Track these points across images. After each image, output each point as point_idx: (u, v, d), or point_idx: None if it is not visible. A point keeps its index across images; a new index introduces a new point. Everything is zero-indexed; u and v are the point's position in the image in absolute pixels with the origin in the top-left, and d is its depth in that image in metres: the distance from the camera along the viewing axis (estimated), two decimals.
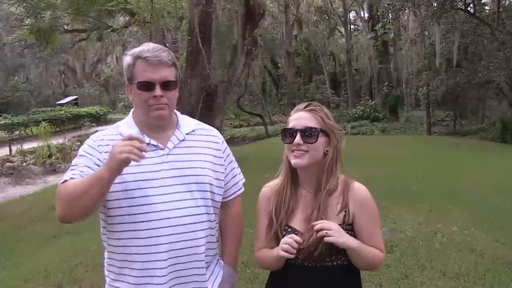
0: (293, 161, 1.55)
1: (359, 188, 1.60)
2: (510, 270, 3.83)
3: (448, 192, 7.13)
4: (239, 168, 1.81)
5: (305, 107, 1.59)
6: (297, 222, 1.56)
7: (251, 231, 4.65)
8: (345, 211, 1.54)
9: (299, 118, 1.57)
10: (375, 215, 1.61)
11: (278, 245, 1.53)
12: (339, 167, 1.60)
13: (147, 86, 1.53)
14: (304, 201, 1.59)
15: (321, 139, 1.55)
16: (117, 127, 1.64)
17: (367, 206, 1.57)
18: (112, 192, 1.50)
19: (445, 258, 4.13)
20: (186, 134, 1.66)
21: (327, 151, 1.57)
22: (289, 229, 1.55)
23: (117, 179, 1.49)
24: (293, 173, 1.62)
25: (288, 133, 1.57)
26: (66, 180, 1.48)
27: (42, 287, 4.09)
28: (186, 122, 1.70)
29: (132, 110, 1.68)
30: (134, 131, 1.59)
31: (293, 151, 1.55)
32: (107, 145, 1.56)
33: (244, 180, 1.83)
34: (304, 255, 1.51)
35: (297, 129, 1.54)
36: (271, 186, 1.67)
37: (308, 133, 1.53)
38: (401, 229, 4.99)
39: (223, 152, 1.73)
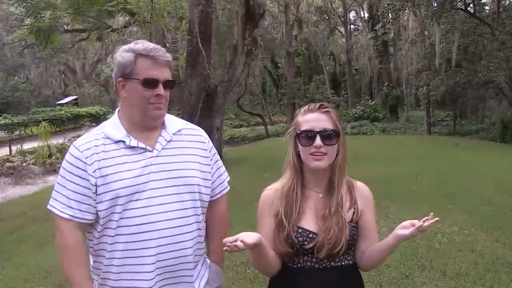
0: (314, 164, 1.53)
1: (363, 186, 1.65)
2: (510, 270, 3.82)
3: (448, 192, 7.13)
4: (224, 167, 1.81)
5: (319, 107, 1.57)
6: (307, 223, 1.55)
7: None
8: (354, 209, 1.57)
9: (316, 119, 1.54)
10: (374, 211, 1.66)
11: (291, 247, 1.52)
12: (347, 166, 1.61)
13: (152, 83, 1.52)
14: (312, 202, 1.58)
15: (338, 140, 1.56)
16: (102, 129, 1.60)
17: (371, 203, 1.62)
18: (103, 201, 1.50)
19: (445, 258, 4.12)
20: (173, 134, 1.64)
21: (338, 151, 1.57)
22: (300, 230, 1.53)
23: (107, 187, 1.49)
24: (300, 174, 1.61)
25: (305, 135, 1.53)
26: (62, 217, 1.52)
27: (42, 287, 4.09)
28: (172, 122, 1.68)
29: (117, 110, 1.65)
30: (121, 133, 1.57)
31: (311, 153, 1.53)
32: (97, 153, 1.52)
33: (229, 178, 1.82)
34: (324, 254, 1.50)
35: (317, 132, 1.52)
36: (274, 189, 1.64)
37: (327, 135, 1.52)
38: None
39: (209, 152, 1.72)
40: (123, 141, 1.55)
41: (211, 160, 1.72)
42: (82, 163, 1.51)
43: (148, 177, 1.53)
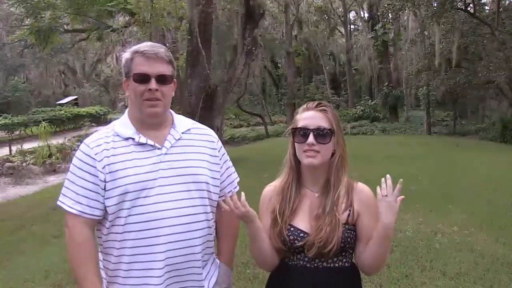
0: (306, 161, 1.53)
1: (363, 188, 1.62)
2: (510, 270, 3.83)
3: (448, 192, 7.13)
4: (233, 167, 1.82)
5: (316, 106, 1.57)
6: (300, 222, 1.55)
7: None
8: (350, 211, 1.55)
9: (311, 117, 1.55)
10: (377, 215, 1.62)
11: (283, 244, 1.53)
12: (346, 166, 1.60)
13: (142, 78, 1.55)
14: (308, 201, 1.58)
15: (332, 139, 1.55)
16: (112, 127, 1.63)
17: (372, 206, 1.58)
18: (112, 197, 1.51)
19: (445, 258, 4.13)
20: (182, 133, 1.65)
21: (334, 150, 1.57)
22: (292, 228, 1.54)
23: (116, 183, 1.51)
24: (297, 173, 1.61)
25: (300, 133, 1.55)
26: (71, 212, 1.54)
27: (42, 287, 4.09)
28: (181, 121, 1.70)
29: (127, 109, 1.68)
30: (131, 131, 1.59)
31: (305, 151, 1.53)
32: (106, 149, 1.55)
33: (238, 179, 1.83)
34: (313, 253, 1.50)
35: (310, 129, 1.52)
36: (273, 186, 1.66)
37: (321, 134, 1.52)
38: (401, 229, 4.99)
39: (219, 152, 1.74)
40: (133, 138, 1.58)
41: (220, 159, 1.73)
42: (91, 160, 1.54)
43: (157, 174, 1.54)
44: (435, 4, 16.68)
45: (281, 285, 1.59)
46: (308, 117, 1.55)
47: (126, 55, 1.61)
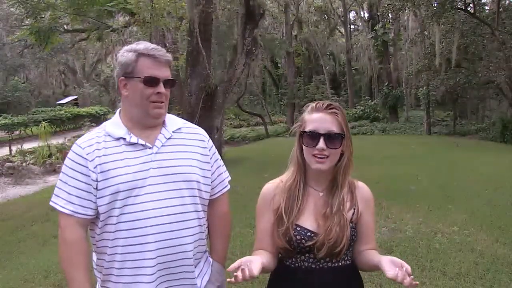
0: (315, 166, 1.51)
1: (363, 186, 1.63)
2: (510, 270, 3.82)
3: (448, 192, 7.13)
4: (224, 166, 1.83)
5: (326, 107, 1.53)
6: (306, 221, 1.53)
7: (250, 231, 4.66)
8: (354, 209, 1.56)
9: (321, 120, 1.51)
10: (374, 212, 1.65)
11: (288, 243, 1.51)
12: (352, 167, 1.60)
13: (153, 82, 1.56)
14: (312, 200, 1.57)
15: (342, 143, 1.53)
16: (104, 127, 1.63)
17: (371, 204, 1.61)
18: (104, 196, 1.52)
19: (445, 258, 4.12)
20: (173, 132, 1.67)
21: (343, 151, 1.55)
22: (298, 228, 1.52)
23: (108, 182, 1.52)
24: (304, 171, 1.60)
25: (309, 136, 1.51)
26: (64, 212, 1.54)
27: (42, 287, 4.09)
28: (172, 121, 1.71)
29: (118, 110, 1.69)
30: (122, 131, 1.60)
31: (313, 154, 1.51)
32: (98, 149, 1.56)
33: (230, 178, 1.84)
34: (323, 253, 1.49)
35: (321, 134, 1.49)
36: (276, 183, 1.63)
37: (331, 138, 1.49)
38: (401, 229, 4.99)
39: (209, 150, 1.74)
40: (124, 138, 1.59)
41: (211, 158, 1.74)
42: (83, 160, 1.55)
43: (147, 173, 1.55)
44: (435, 4, 16.68)
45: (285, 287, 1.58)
46: (318, 119, 1.51)
47: (129, 55, 1.59)
